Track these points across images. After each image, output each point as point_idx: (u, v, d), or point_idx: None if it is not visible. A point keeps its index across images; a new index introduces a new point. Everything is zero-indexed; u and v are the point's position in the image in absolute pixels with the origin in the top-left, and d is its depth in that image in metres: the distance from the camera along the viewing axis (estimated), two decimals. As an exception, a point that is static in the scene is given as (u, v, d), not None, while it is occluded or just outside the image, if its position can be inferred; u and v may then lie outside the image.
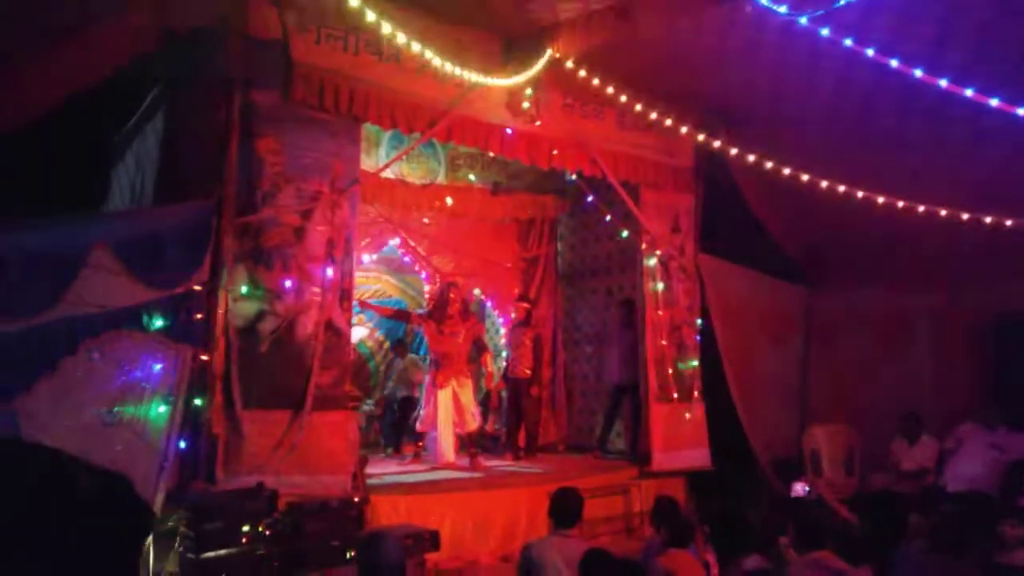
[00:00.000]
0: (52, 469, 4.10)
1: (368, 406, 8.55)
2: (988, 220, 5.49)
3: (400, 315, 7.82)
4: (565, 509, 4.29)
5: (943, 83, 4.31)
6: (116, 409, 4.46)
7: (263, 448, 4.99)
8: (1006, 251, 6.41)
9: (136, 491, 4.26)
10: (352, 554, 4.74)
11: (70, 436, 4.28)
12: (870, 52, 4.50)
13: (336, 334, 5.42)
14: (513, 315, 8.32)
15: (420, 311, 7.97)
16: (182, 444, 4.70)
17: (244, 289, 5.08)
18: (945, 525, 4.22)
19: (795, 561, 3.91)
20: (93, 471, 4.13)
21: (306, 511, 4.78)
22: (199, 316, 4.89)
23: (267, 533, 4.49)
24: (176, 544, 4.46)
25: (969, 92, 4.27)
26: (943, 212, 5.67)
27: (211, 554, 4.28)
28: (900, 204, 5.82)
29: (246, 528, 4.42)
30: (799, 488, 4.51)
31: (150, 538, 4.42)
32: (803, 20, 4.44)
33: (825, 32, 4.47)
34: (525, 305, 8.09)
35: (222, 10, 5.12)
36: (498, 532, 5.99)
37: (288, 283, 5.22)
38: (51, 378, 4.25)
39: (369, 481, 5.76)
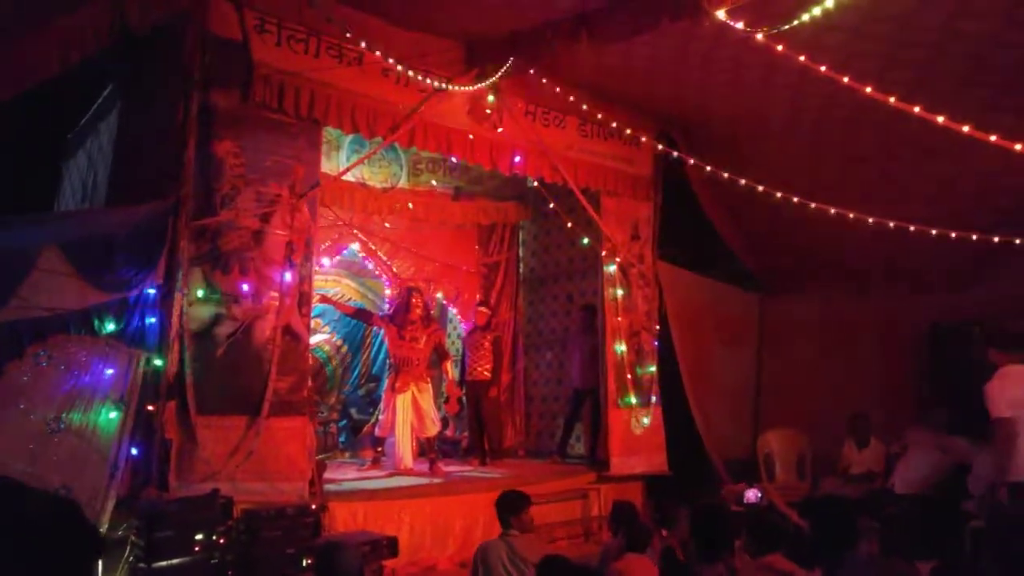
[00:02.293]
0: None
1: (325, 412, 8.45)
2: (934, 233, 5.66)
3: (362, 314, 7.76)
4: (508, 509, 4.40)
5: (892, 100, 4.44)
6: (64, 415, 4.34)
7: (218, 454, 4.91)
8: (944, 264, 6.68)
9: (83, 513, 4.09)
10: (308, 562, 4.69)
11: (13, 444, 4.16)
12: (823, 68, 4.61)
13: (294, 339, 5.36)
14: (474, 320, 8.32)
15: (382, 313, 7.92)
16: (134, 451, 4.60)
17: (200, 293, 5.00)
18: (892, 528, 4.34)
19: (748, 564, 3.98)
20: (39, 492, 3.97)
21: (262, 518, 4.72)
22: (153, 320, 4.80)
23: (221, 541, 4.42)
24: (126, 553, 4.35)
25: (916, 109, 4.41)
26: (891, 224, 5.84)
27: (163, 563, 4.18)
28: (851, 216, 5.98)
29: (199, 536, 4.34)
30: (751, 495, 4.58)
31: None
32: (760, 36, 4.54)
33: (780, 48, 4.57)
34: (485, 311, 8.10)
35: (182, 8, 5.03)
36: (457, 538, 5.99)
37: (246, 287, 5.14)
38: (-4, 383, 4.13)
39: (327, 487, 5.71)
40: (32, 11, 4.53)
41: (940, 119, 4.32)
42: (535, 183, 7.95)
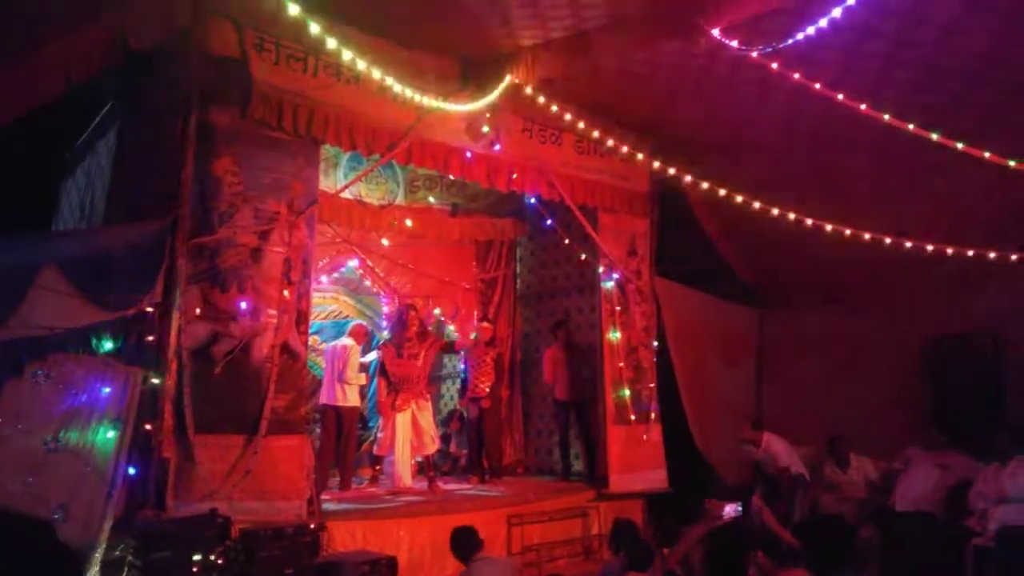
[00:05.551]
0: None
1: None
2: (930, 248, 5.70)
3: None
4: (467, 542, 4.46)
5: (886, 117, 4.48)
6: (61, 434, 4.31)
7: (216, 473, 4.88)
8: (941, 278, 6.70)
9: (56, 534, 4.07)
10: (307, 582, 4.65)
11: (11, 463, 4.14)
12: (817, 86, 4.66)
13: (292, 357, 5.34)
14: (474, 335, 8.28)
15: (383, 341, 7.82)
16: (131, 470, 4.57)
17: (198, 311, 4.98)
18: (896, 548, 4.31)
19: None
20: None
21: (260, 538, 4.68)
22: (151, 338, 4.78)
23: (219, 562, 4.38)
24: (123, 574, 4.31)
25: (911, 127, 4.45)
26: (887, 240, 5.87)
27: (160, 584, 4.15)
28: (847, 232, 6.01)
29: (197, 557, 4.30)
30: (729, 510, 4.47)
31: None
32: (755, 54, 4.59)
33: (775, 66, 4.62)
34: (488, 326, 8.09)
35: (181, 27, 5.06)
36: (456, 556, 5.94)
37: (243, 305, 5.13)
38: (-7, 402, 4.11)
39: (325, 506, 5.67)
40: (35, 33, 4.56)
41: (934, 136, 4.37)
42: (532, 200, 8.00)
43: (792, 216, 6.20)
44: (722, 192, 6.40)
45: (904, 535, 5.64)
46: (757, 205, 6.32)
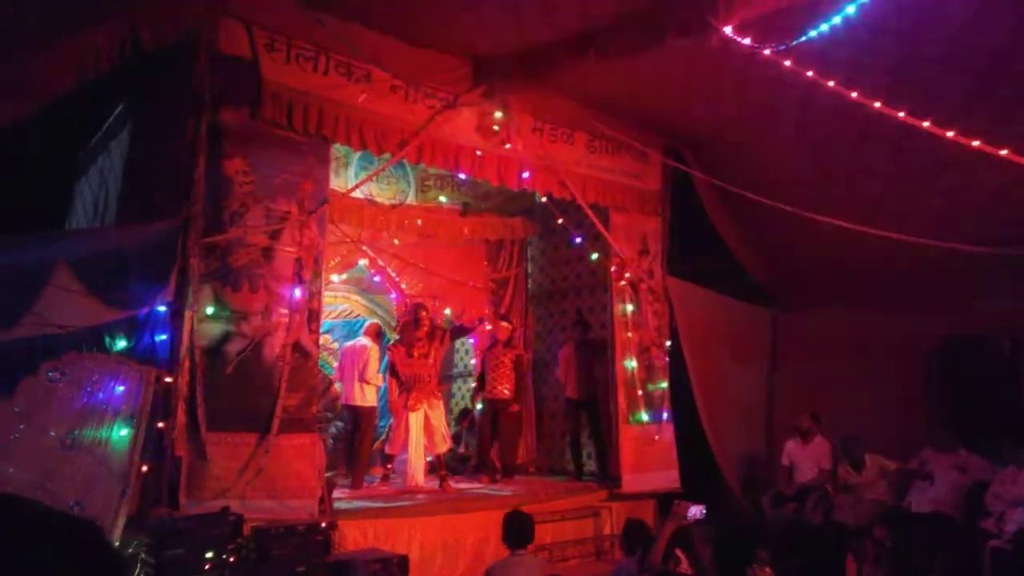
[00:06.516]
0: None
1: (334, 428, 8.42)
2: (946, 247, 5.63)
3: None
4: (519, 531, 4.38)
5: (901, 115, 4.43)
6: (76, 432, 4.35)
7: (228, 472, 4.90)
8: (957, 278, 6.62)
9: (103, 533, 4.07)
10: (318, 580, 4.66)
11: (27, 461, 4.17)
12: (831, 84, 4.62)
13: (304, 356, 5.36)
14: (491, 333, 8.26)
15: (393, 342, 7.83)
16: (144, 468, 4.60)
17: (210, 310, 5.01)
18: (912, 549, 4.26)
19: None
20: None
21: (272, 536, 4.70)
22: (163, 337, 4.81)
23: (231, 560, 4.41)
24: (137, 572, 4.34)
25: (926, 124, 4.40)
26: (902, 239, 5.81)
27: (172, 582, 4.17)
28: (861, 231, 5.95)
29: (209, 554, 4.33)
30: (695, 511, 4.31)
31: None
32: (767, 51, 4.55)
33: (788, 63, 4.58)
34: (507, 325, 8.04)
35: (192, 26, 5.08)
36: (468, 555, 5.95)
37: (255, 304, 5.15)
38: (8, 400, 4.14)
39: (336, 505, 5.68)
40: (45, 30, 4.59)
41: (949, 133, 4.31)
42: (543, 199, 7.97)
43: (805, 215, 6.14)
44: (735, 191, 6.35)
45: (920, 537, 5.57)
46: (769, 203, 6.27)
